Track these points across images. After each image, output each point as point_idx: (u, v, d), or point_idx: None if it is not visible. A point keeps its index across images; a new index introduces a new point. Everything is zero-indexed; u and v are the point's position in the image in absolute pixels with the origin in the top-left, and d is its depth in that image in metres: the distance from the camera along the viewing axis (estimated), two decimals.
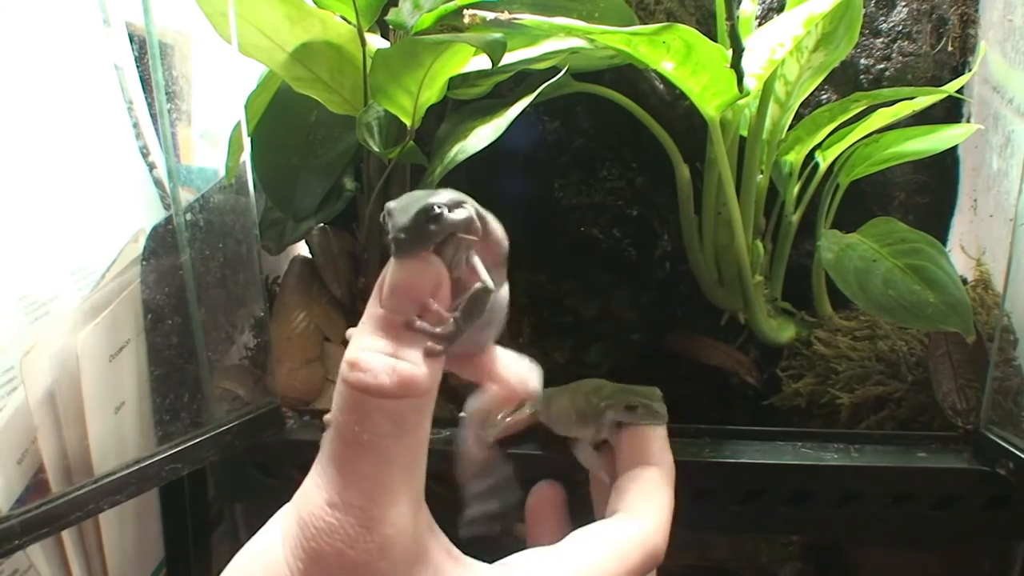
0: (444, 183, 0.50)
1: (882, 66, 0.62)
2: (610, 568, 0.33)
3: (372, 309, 0.30)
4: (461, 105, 0.54)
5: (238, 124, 0.50)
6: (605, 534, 0.35)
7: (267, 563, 0.29)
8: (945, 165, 0.66)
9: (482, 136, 0.48)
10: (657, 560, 0.35)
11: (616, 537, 0.34)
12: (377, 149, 0.51)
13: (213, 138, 0.59)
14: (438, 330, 0.30)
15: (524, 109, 0.48)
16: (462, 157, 0.48)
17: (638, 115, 0.54)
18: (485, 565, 0.32)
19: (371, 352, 0.29)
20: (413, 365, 0.29)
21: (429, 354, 0.29)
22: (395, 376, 0.28)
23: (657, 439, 0.41)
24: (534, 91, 0.49)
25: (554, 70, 0.50)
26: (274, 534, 0.30)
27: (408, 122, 0.51)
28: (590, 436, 0.43)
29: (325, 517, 0.28)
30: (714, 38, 0.46)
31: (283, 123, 0.58)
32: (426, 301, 0.29)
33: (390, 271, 0.30)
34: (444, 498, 0.43)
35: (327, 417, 0.31)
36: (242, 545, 0.31)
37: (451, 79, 0.50)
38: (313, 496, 0.29)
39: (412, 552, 0.29)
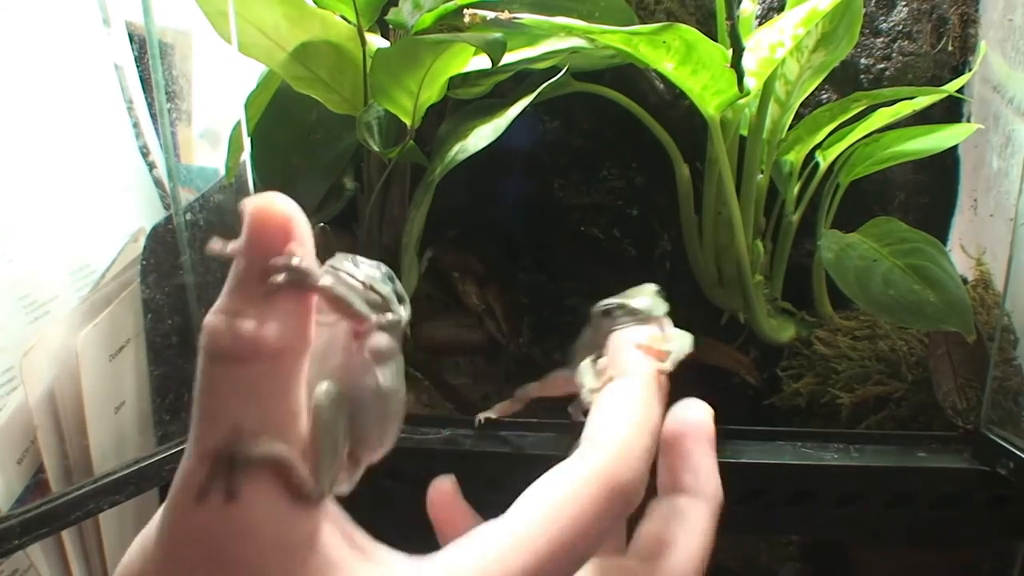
0: (445, 182, 0.50)
1: (882, 66, 0.62)
2: (557, 524, 0.26)
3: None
4: (461, 105, 0.54)
5: (238, 124, 0.50)
6: (552, 481, 0.28)
7: (141, 547, 0.25)
8: (945, 165, 0.66)
9: (482, 136, 0.48)
10: (627, 495, 0.28)
11: (564, 481, 0.28)
12: (377, 149, 0.51)
13: (213, 138, 0.59)
14: (282, 265, 0.25)
15: (524, 109, 0.48)
16: (462, 157, 0.48)
17: (638, 115, 0.54)
18: (403, 557, 0.27)
19: (215, 314, 0.24)
20: (256, 322, 0.24)
21: (284, 299, 0.24)
22: (233, 336, 0.24)
23: (634, 343, 0.34)
24: (534, 91, 0.49)
25: (554, 70, 0.50)
26: (156, 518, 0.26)
27: (408, 122, 0.51)
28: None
29: (182, 496, 0.24)
30: (714, 38, 0.46)
31: (283, 123, 0.58)
32: (275, 248, 0.25)
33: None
34: None
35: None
36: None
37: (451, 79, 0.50)
38: (179, 472, 0.25)
39: (288, 538, 0.24)
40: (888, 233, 0.55)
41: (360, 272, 0.28)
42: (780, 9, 0.58)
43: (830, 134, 0.56)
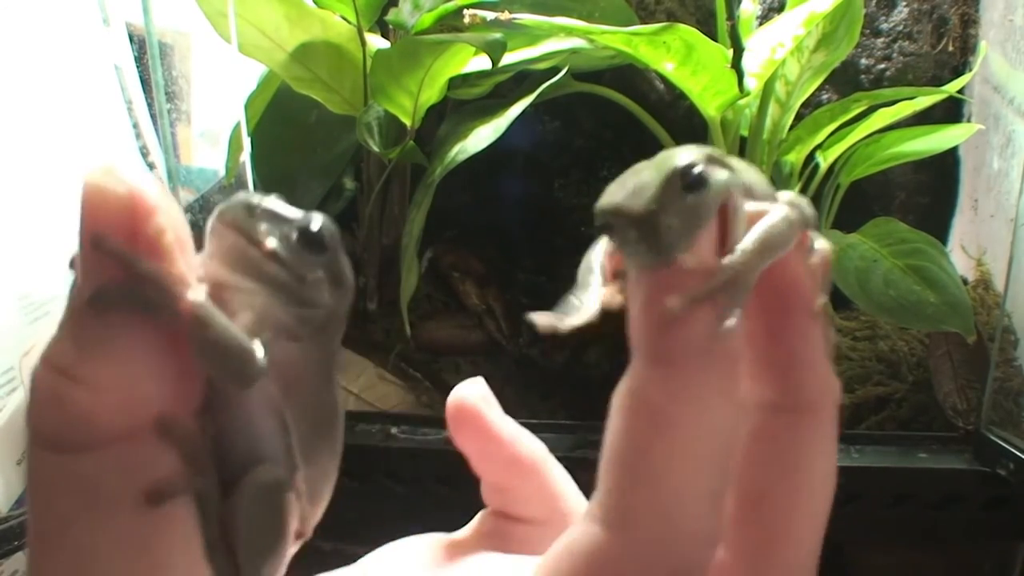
0: (445, 183, 0.50)
1: (883, 66, 0.62)
2: None
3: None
4: (461, 105, 0.54)
5: (238, 124, 0.50)
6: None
7: None
8: (946, 165, 0.66)
9: (482, 136, 0.48)
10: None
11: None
12: (377, 149, 0.51)
13: (213, 138, 0.59)
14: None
15: (524, 109, 0.48)
16: (462, 157, 0.48)
17: (638, 115, 0.54)
18: None
19: (42, 366, 0.16)
20: (92, 389, 0.15)
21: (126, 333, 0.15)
22: (62, 416, 0.15)
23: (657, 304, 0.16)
24: (534, 91, 0.49)
25: (554, 70, 0.50)
26: None
27: (408, 122, 0.51)
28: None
29: None
30: (714, 38, 0.46)
31: (283, 123, 0.58)
32: (112, 249, 0.16)
33: None
34: (444, 498, 0.43)
35: None
36: None
37: (451, 79, 0.50)
38: None
39: None
40: (888, 233, 0.54)
41: (268, 238, 0.16)
42: (780, 9, 0.58)
43: (830, 134, 0.56)
